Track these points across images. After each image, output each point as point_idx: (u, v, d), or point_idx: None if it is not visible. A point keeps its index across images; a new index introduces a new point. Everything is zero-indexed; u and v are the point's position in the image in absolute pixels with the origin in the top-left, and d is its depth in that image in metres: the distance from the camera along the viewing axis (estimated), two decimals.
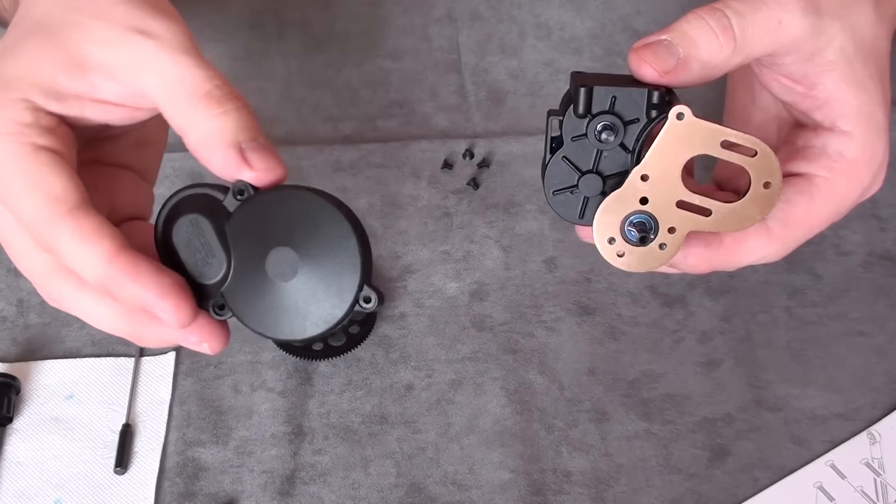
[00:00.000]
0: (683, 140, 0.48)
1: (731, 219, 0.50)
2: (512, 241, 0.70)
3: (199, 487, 0.60)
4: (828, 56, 0.51)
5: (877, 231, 0.69)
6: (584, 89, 0.48)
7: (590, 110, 0.49)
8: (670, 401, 0.63)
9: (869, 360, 0.64)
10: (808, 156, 0.52)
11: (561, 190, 0.50)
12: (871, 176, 0.52)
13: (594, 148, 0.49)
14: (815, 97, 0.52)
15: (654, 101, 0.48)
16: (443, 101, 0.77)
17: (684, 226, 0.50)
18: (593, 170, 0.50)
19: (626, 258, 0.50)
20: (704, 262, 0.52)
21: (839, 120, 0.51)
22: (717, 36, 0.49)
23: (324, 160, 0.74)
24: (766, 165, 0.49)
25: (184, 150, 0.76)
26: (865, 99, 0.51)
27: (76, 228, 0.44)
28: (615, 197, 0.49)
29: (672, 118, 0.48)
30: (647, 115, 0.48)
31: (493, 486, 0.60)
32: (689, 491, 0.59)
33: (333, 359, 0.64)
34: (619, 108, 0.49)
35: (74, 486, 0.60)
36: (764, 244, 0.51)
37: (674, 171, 0.49)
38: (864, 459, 0.60)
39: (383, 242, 0.70)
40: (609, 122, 0.49)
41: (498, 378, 0.64)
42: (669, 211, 0.49)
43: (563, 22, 0.79)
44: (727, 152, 0.48)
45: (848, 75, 0.51)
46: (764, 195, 0.49)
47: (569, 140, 0.49)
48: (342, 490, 0.60)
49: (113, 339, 0.66)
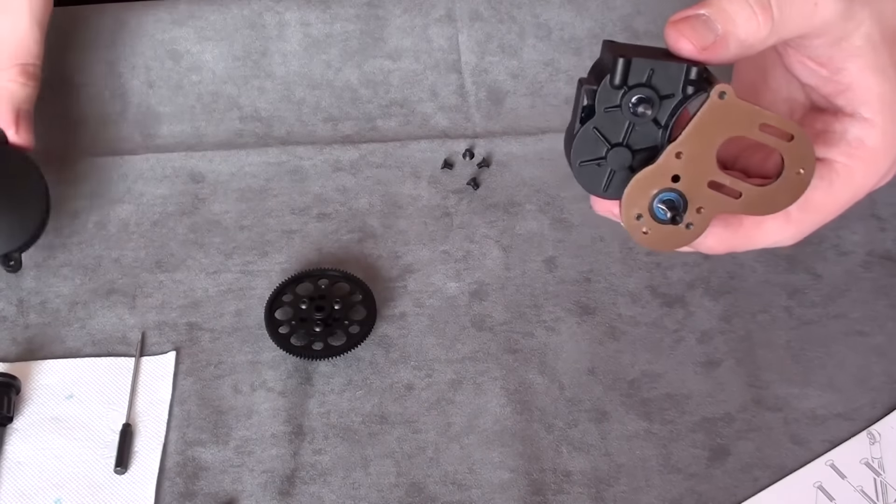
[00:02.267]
0: (722, 119, 0.47)
1: (760, 203, 0.49)
2: (512, 241, 0.70)
3: (199, 487, 0.60)
4: (854, 41, 0.50)
5: (877, 231, 0.69)
6: (623, 60, 0.47)
7: (626, 82, 0.48)
8: (670, 401, 0.63)
9: (869, 359, 0.64)
10: (828, 140, 0.52)
11: (588, 161, 0.49)
12: (889, 164, 0.52)
13: (626, 120, 0.48)
14: (839, 82, 0.51)
15: (692, 77, 0.47)
16: (443, 101, 0.77)
17: (714, 207, 0.49)
18: (623, 143, 0.49)
19: (651, 235, 0.49)
20: (723, 243, 0.51)
21: (861, 107, 0.51)
22: (757, 15, 0.48)
23: (324, 160, 0.74)
24: (802, 152, 0.48)
25: (184, 150, 0.77)
26: (888, 87, 0.51)
27: None
28: (648, 172, 0.48)
29: (714, 96, 0.47)
30: (683, 92, 0.48)
31: (493, 485, 0.60)
32: (689, 491, 0.59)
33: (333, 359, 0.64)
34: (656, 82, 0.48)
35: (74, 485, 0.60)
36: (782, 228, 0.51)
37: (709, 150, 0.48)
38: (863, 459, 0.60)
39: (383, 242, 0.70)
40: (646, 95, 0.47)
41: (498, 378, 0.64)
42: (701, 191, 0.48)
43: (563, 22, 0.79)
44: (764, 135, 0.48)
45: (873, 62, 0.51)
46: (795, 181, 0.49)
47: (601, 111, 0.48)
48: (342, 490, 0.60)
49: (113, 338, 0.66)
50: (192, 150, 0.75)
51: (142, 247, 0.70)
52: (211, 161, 0.74)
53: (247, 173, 0.74)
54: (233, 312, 0.67)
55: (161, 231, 0.71)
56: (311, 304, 0.65)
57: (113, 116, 0.77)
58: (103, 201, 0.73)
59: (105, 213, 0.72)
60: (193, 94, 0.77)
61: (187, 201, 0.73)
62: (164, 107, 0.77)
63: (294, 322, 0.65)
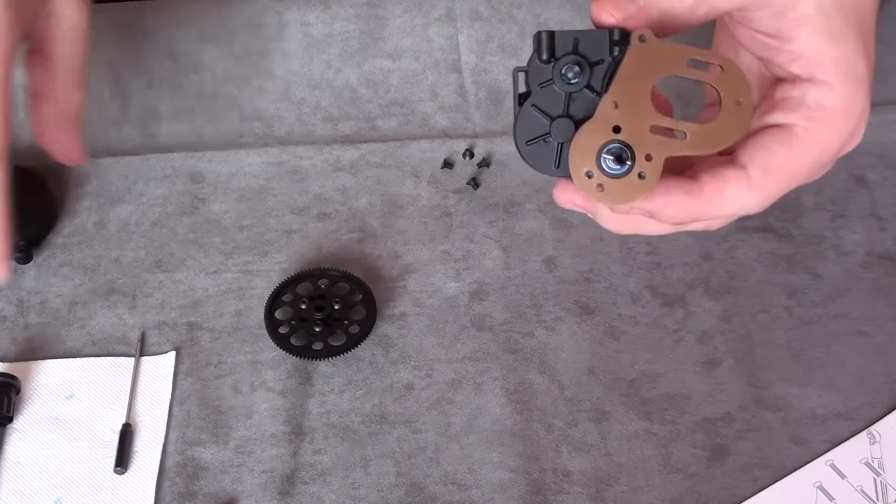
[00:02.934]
0: (649, 62, 0.48)
1: (706, 139, 0.49)
2: (512, 240, 0.70)
3: (199, 487, 0.60)
4: (802, 10, 0.51)
5: (877, 231, 0.69)
6: (545, 33, 0.48)
7: (553, 54, 0.48)
8: (670, 400, 0.63)
9: (869, 359, 0.64)
10: (787, 106, 0.52)
11: (533, 140, 0.49)
12: (852, 126, 0.53)
13: (562, 92, 0.49)
14: (790, 51, 0.52)
15: (616, 38, 0.48)
16: (443, 101, 0.77)
17: (661, 151, 0.49)
18: (564, 114, 0.49)
19: (607, 191, 0.49)
20: (684, 211, 0.51)
21: (816, 70, 0.52)
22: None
23: (324, 160, 0.74)
24: (736, 82, 0.48)
25: (184, 150, 0.77)
26: (843, 49, 0.51)
27: None
28: (588, 127, 0.48)
29: (635, 41, 0.48)
30: (611, 54, 0.48)
31: (493, 485, 0.60)
32: (689, 491, 0.59)
33: (333, 358, 0.64)
34: (583, 50, 0.48)
35: (74, 485, 0.60)
36: (745, 192, 0.51)
37: (644, 95, 0.48)
38: (863, 459, 0.60)
39: (383, 242, 0.70)
40: (575, 60, 0.48)
41: (498, 378, 0.64)
42: (644, 137, 0.48)
43: (563, 22, 0.79)
44: (694, 71, 0.48)
45: (823, 27, 0.51)
46: (737, 112, 0.49)
47: (536, 88, 0.49)
48: (342, 490, 0.60)
49: (113, 338, 0.66)
50: (192, 150, 0.75)
51: (142, 247, 0.70)
52: (211, 161, 0.74)
53: (247, 173, 0.74)
54: (233, 312, 0.67)
55: (161, 231, 0.71)
56: (310, 303, 0.65)
57: (113, 116, 0.77)
58: (103, 201, 0.73)
59: (105, 213, 0.72)
60: (193, 94, 0.77)
61: (187, 201, 0.73)
62: (164, 107, 0.77)
63: (294, 322, 0.65)
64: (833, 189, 0.71)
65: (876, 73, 0.78)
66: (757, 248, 0.69)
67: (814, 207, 0.70)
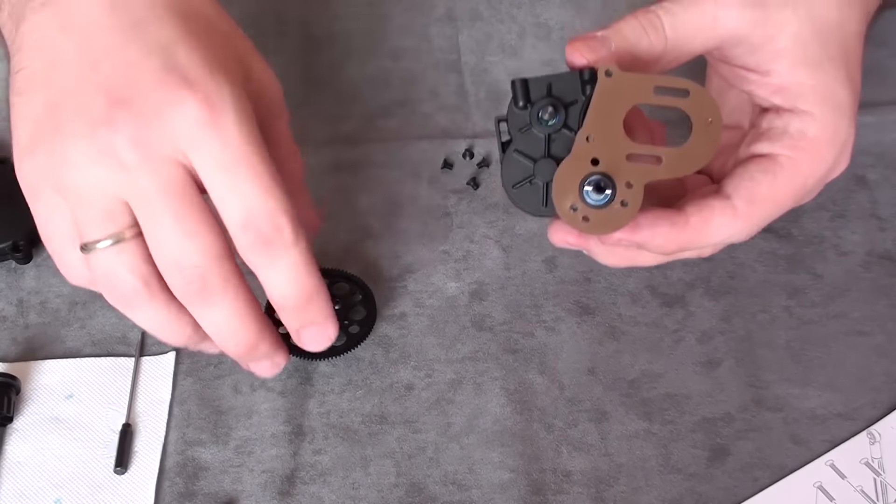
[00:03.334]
0: (617, 94, 0.50)
1: (681, 162, 0.50)
2: (512, 240, 0.70)
3: (199, 487, 0.60)
4: (779, 43, 0.52)
5: (877, 231, 0.69)
6: (518, 81, 0.50)
7: (529, 99, 0.50)
8: (670, 400, 0.63)
9: (869, 359, 0.64)
10: (771, 136, 0.53)
11: (519, 183, 0.51)
12: (836, 154, 0.53)
13: (542, 135, 0.51)
14: (770, 83, 0.53)
15: (586, 77, 0.50)
16: (443, 101, 0.77)
17: (640, 178, 0.50)
18: (546, 155, 0.51)
19: (593, 222, 0.51)
20: (672, 242, 0.52)
21: (797, 101, 0.53)
22: (647, 34, 0.51)
23: (324, 160, 0.74)
24: (703, 103, 0.50)
25: None
26: (822, 78, 0.52)
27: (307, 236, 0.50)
28: (567, 164, 0.50)
29: (601, 76, 0.49)
30: (584, 93, 0.50)
31: (493, 485, 0.60)
32: (689, 491, 0.59)
33: (333, 359, 0.64)
34: (557, 93, 0.50)
35: (74, 485, 0.60)
36: (730, 222, 0.52)
37: (616, 125, 0.50)
38: (863, 459, 0.60)
39: (383, 242, 0.70)
40: (550, 102, 0.50)
41: (498, 378, 0.64)
42: (622, 165, 0.50)
43: (563, 22, 0.79)
44: (662, 98, 0.50)
45: (801, 58, 0.52)
46: (708, 132, 0.50)
47: (517, 133, 0.51)
48: (342, 490, 0.60)
49: (113, 338, 0.66)
50: None
51: None
52: None
53: None
54: None
55: None
56: None
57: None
58: None
59: None
60: None
61: None
62: None
63: None
64: (833, 189, 0.71)
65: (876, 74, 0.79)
66: (757, 248, 0.69)
67: (814, 207, 0.70)
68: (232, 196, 0.48)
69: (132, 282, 0.49)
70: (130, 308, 0.50)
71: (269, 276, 0.50)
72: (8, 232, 0.68)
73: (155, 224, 0.48)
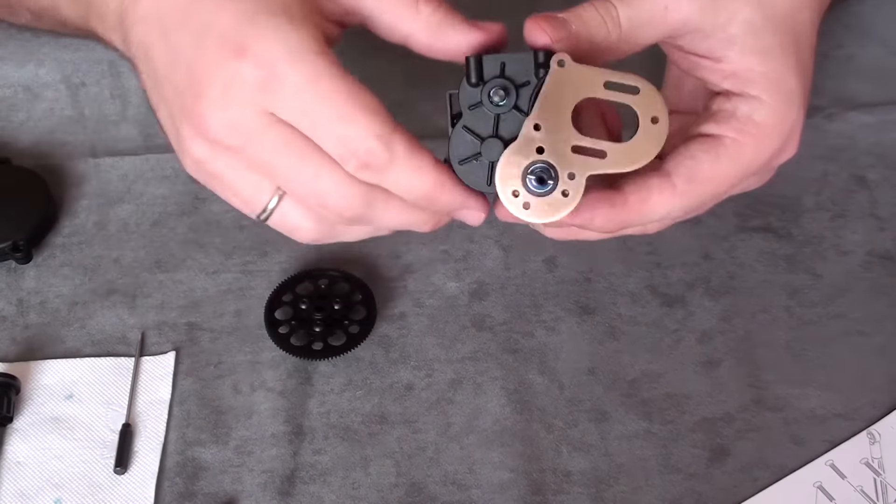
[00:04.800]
0: (568, 85, 0.50)
1: (625, 157, 0.51)
2: (512, 240, 0.70)
3: (199, 487, 0.60)
4: (731, 30, 0.52)
5: (877, 231, 0.69)
6: (473, 58, 0.51)
7: (482, 77, 0.51)
8: (670, 401, 0.63)
9: (869, 360, 0.64)
10: (719, 118, 0.54)
11: (466, 159, 0.52)
12: (782, 140, 0.54)
13: (492, 114, 0.51)
14: (722, 69, 0.53)
15: (541, 60, 0.50)
16: (443, 101, 0.77)
17: (583, 169, 0.51)
18: (494, 134, 0.51)
19: (533, 209, 0.51)
20: (612, 222, 0.53)
21: (746, 86, 0.53)
22: (605, 23, 0.51)
23: None
24: (651, 101, 0.50)
25: None
26: (773, 65, 0.53)
27: (406, 144, 0.50)
28: (512, 149, 0.51)
29: (554, 66, 0.49)
30: (537, 75, 0.50)
31: (493, 485, 0.60)
32: (689, 491, 0.59)
33: (333, 358, 0.64)
34: (510, 73, 0.50)
35: (74, 485, 0.60)
36: (668, 200, 0.52)
37: (564, 117, 0.50)
38: (863, 459, 0.60)
39: (383, 242, 0.70)
40: (501, 84, 0.50)
41: (498, 378, 0.64)
42: (566, 157, 0.51)
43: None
44: (611, 93, 0.50)
45: (752, 45, 0.53)
46: (653, 130, 0.50)
47: (466, 110, 0.51)
48: (342, 490, 0.60)
49: (113, 338, 0.66)
50: None
51: (142, 247, 0.70)
52: None
53: None
54: (232, 312, 0.67)
55: (161, 231, 0.71)
56: (310, 304, 0.65)
57: (113, 116, 0.76)
58: (103, 201, 0.73)
59: (105, 213, 0.72)
60: None
61: (187, 201, 0.73)
62: None
63: (294, 322, 0.65)
64: (833, 189, 0.71)
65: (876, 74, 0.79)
66: (757, 248, 0.69)
67: (814, 207, 0.70)
68: (319, 135, 0.50)
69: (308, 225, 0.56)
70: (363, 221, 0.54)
71: (391, 188, 0.52)
72: (8, 232, 0.68)
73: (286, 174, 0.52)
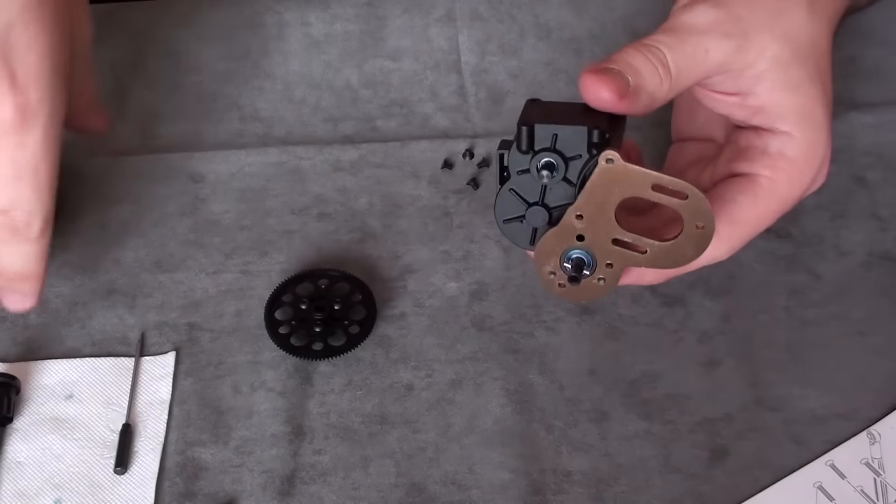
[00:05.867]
0: (614, 183, 0.49)
1: (665, 258, 0.51)
2: None
3: (199, 487, 0.60)
4: (760, 66, 0.52)
5: (877, 231, 0.69)
6: (525, 128, 0.50)
7: (532, 147, 0.50)
8: (670, 401, 0.63)
9: (869, 360, 0.64)
10: (751, 156, 0.54)
11: (511, 219, 0.52)
12: (813, 172, 0.54)
13: (538, 182, 0.51)
14: (750, 105, 0.53)
15: (595, 139, 0.49)
16: (443, 101, 0.77)
17: (621, 261, 0.51)
18: (539, 202, 0.51)
19: (568, 289, 0.53)
20: (661, 276, 0.55)
21: (777, 122, 0.53)
22: (658, 70, 0.50)
23: (324, 160, 0.74)
24: (698, 208, 0.50)
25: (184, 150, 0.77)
26: (802, 99, 0.53)
27: None
28: (553, 234, 0.51)
29: (602, 162, 0.49)
30: (589, 152, 0.50)
31: (493, 486, 0.60)
32: (689, 491, 0.59)
33: (333, 359, 0.64)
34: (561, 146, 0.50)
35: (74, 486, 0.60)
36: (715, 247, 0.53)
37: (607, 210, 0.50)
38: (864, 459, 0.60)
39: (383, 242, 0.70)
40: (550, 159, 0.50)
41: (498, 378, 0.64)
42: (606, 248, 0.51)
43: (563, 22, 0.80)
44: (658, 195, 0.50)
45: (782, 80, 0.52)
46: (697, 235, 0.51)
47: (515, 173, 0.51)
48: (342, 490, 0.60)
49: (113, 338, 0.66)
50: (191, 150, 0.75)
51: (142, 247, 0.70)
52: (211, 161, 0.74)
53: (247, 173, 0.74)
54: (233, 312, 0.67)
55: (161, 231, 0.71)
56: (310, 304, 0.65)
57: (113, 116, 0.76)
58: (103, 201, 0.73)
59: (105, 213, 0.72)
60: (193, 94, 0.77)
61: (187, 201, 0.73)
62: (164, 107, 0.77)
63: (294, 322, 0.65)
64: (833, 189, 0.71)
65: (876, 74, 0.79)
66: (757, 248, 0.69)
67: (814, 207, 0.70)
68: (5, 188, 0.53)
69: None
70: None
71: (3, 252, 0.55)
72: None
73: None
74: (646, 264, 0.52)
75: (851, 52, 0.76)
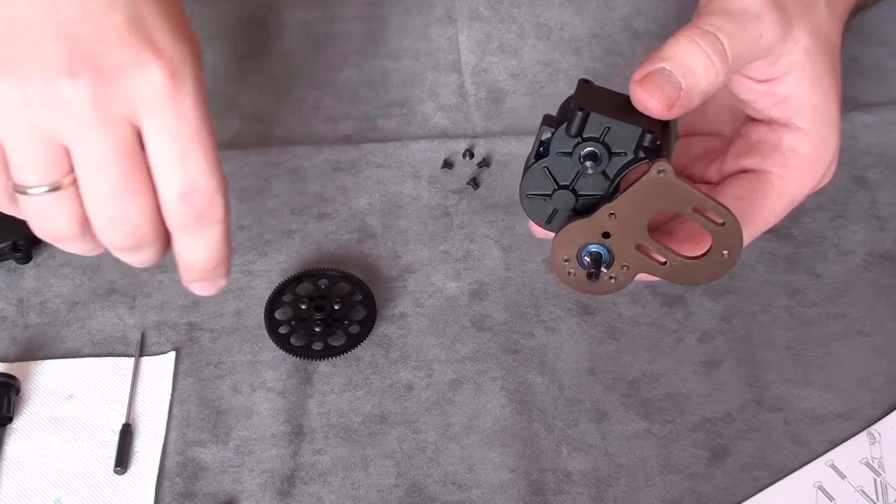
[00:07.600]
0: (658, 194, 0.49)
1: (682, 273, 0.52)
2: (512, 240, 0.70)
3: (199, 487, 0.60)
4: (793, 56, 0.52)
5: (877, 231, 0.69)
6: (581, 113, 0.49)
7: (581, 133, 0.49)
8: (670, 401, 0.63)
9: (869, 360, 0.64)
10: (762, 151, 0.53)
11: (535, 195, 0.52)
12: (823, 170, 0.54)
13: (576, 167, 0.50)
14: (776, 94, 0.53)
15: (646, 143, 0.49)
16: (443, 101, 0.77)
17: (638, 267, 0.51)
18: (570, 187, 0.51)
19: (575, 279, 0.52)
20: None
21: (795, 116, 0.52)
22: (714, 64, 0.49)
23: (324, 160, 0.74)
24: (731, 237, 0.50)
25: None
26: (822, 96, 0.52)
27: None
28: (580, 224, 0.51)
29: (654, 171, 0.48)
30: (635, 154, 0.49)
31: (493, 486, 0.60)
32: (689, 491, 0.59)
33: (333, 359, 0.64)
34: (610, 139, 0.49)
35: (74, 486, 0.60)
36: None
37: (642, 217, 0.50)
38: (864, 459, 0.60)
39: (383, 242, 0.70)
40: (595, 150, 0.49)
41: (498, 378, 0.64)
42: (627, 251, 0.51)
43: (563, 22, 0.80)
44: (696, 215, 0.50)
45: (809, 73, 0.52)
46: (719, 262, 0.51)
47: (554, 153, 0.50)
48: (342, 490, 0.60)
49: (113, 338, 0.66)
50: None
51: None
52: None
53: (247, 173, 0.74)
54: (232, 312, 0.67)
55: None
56: (310, 304, 0.65)
57: None
58: None
59: None
60: None
61: None
62: None
63: (294, 322, 0.65)
64: (833, 189, 0.71)
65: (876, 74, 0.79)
66: (757, 248, 0.69)
67: (814, 207, 0.70)
68: (177, 168, 0.47)
69: (69, 226, 0.48)
70: (59, 243, 0.50)
71: (188, 244, 0.49)
72: (8, 232, 0.68)
73: (98, 181, 0.47)
74: (661, 275, 0.52)
75: (852, 52, 0.76)
